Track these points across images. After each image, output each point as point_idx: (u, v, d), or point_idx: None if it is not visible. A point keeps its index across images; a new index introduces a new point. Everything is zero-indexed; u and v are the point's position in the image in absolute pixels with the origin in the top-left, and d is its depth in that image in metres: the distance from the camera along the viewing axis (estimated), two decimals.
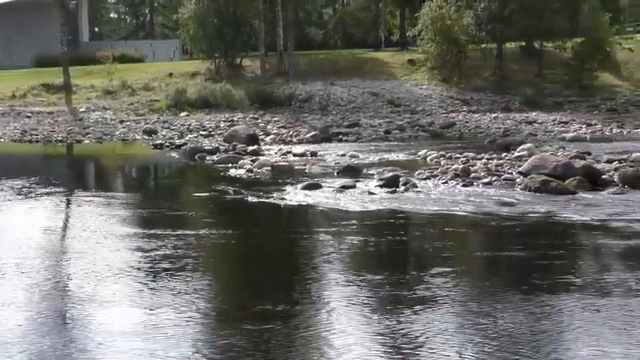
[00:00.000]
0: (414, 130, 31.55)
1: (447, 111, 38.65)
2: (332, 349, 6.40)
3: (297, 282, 8.73)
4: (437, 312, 7.31)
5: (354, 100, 40.42)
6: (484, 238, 11.46)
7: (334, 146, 25.60)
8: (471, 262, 9.84)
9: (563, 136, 27.66)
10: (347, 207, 13.37)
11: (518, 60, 46.15)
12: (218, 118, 34.37)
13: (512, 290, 8.13)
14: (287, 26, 47.55)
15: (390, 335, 6.69)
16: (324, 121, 34.43)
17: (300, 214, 13.40)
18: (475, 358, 6.16)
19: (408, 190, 14.92)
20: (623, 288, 8.20)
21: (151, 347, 6.41)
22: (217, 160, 21.03)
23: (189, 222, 12.91)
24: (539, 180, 14.60)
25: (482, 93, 41.86)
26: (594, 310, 7.30)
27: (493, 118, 35.23)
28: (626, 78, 44.14)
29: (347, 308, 7.51)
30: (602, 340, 6.49)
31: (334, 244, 10.51)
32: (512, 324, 6.93)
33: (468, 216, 12.49)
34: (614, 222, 11.71)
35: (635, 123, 32.42)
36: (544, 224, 11.73)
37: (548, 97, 40.52)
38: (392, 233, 11.45)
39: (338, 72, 45.42)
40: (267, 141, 26.91)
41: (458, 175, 16.48)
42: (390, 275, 8.96)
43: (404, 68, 46.22)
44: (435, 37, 43.85)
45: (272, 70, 45.96)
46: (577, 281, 8.50)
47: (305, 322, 7.10)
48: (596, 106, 39.10)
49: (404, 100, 40.60)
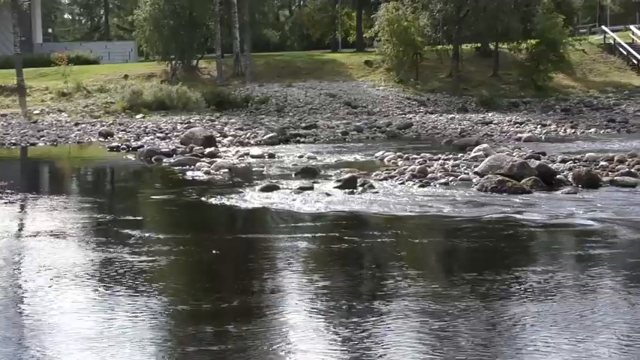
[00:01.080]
0: (371, 131, 31.64)
1: (404, 112, 38.81)
2: (288, 352, 6.39)
3: (252, 285, 8.69)
4: (391, 314, 7.32)
5: (311, 102, 40.42)
6: (440, 240, 11.51)
7: (292, 148, 25.57)
8: (426, 264, 9.88)
9: (519, 136, 27.93)
10: (305, 209, 13.35)
11: (474, 61, 46.52)
12: (175, 120, 34.17)
13: (467, 291, 8.18)
14: (243, 28, 47.40)
15: (344, 337, 6.68)
16: (282, 122, 34.41)
17: (258, 217, 13.35)
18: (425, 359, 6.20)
19: (366, 191, 14.96)
20: (576, 286, 8.28)
21: (102, 351, 6.33)
22: (174, 163, 20.89)
23: (144, 225, 12.79)
24: (495, 180, 14.72)
25: (438, 94, 42.11)
26: (547, 309, 7.36)
27: (450, 118, 35.47)
28: (580, 79, 44.71)
29: (301, 310, 7.50)
30: (556, 337, 6.54)
31: (291, 247, 10.48)
32: (465, 324, 6.96)
33: (425, 217, 12.55)
34: (567, 221, 11.84)
35: (588, 123, 32.86)
36: (500, 224, 11.82)
37: (503, 97, 40.89)
38: (349, 235, 11.44)
39: (295, 73, 45.41)
40: (224, 143, 26.79)
41: (415, 175, 16.56)
42: (346, 278, 8.96)
43: (361, 69, 46.34)
44: (391, 39, 44.01)
45: (229, 72, 45.79)
46: (530, 281, 8.57)
47: (259, 325, 7.07)
48: (551, 107, 39.54)
49: (361, 101, 40.68)
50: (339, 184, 15.51)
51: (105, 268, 9.20)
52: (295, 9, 69.99)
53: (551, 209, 12.77)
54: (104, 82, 42.98)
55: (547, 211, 12.64)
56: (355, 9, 58.10)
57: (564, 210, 12.66)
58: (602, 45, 49.23)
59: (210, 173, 18.60)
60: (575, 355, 6.18)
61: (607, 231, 11.09)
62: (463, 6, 44.96)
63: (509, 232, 11.22)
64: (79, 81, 42.31)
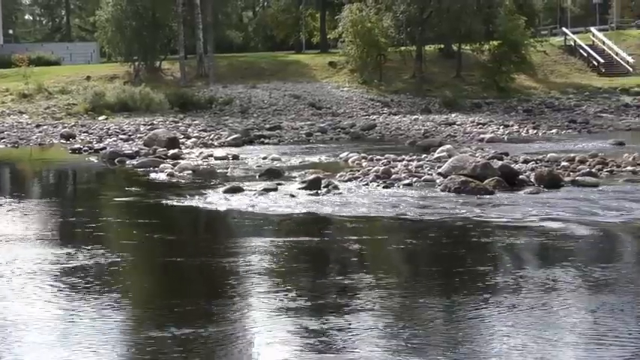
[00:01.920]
0: (335, 132, 31.68)
1: (367, 113, 38.91)
2: (250, 354, 6.37)
3: (214, 289, 8.65)
4: (355, 315, 7.32)
5: (275, 103, 40.38)
6: (403, 240, 11.53)
7: (256, 149, 25.52)
8: (389, 265, 9.90)
9: (482, 137, 28.11)
10: (269, 210, 13.32)
11: (437, 62, 46.77)
12: (138, 122, 33.94)
13: (430, 291, 8.21)
14: (206, 29, 47.21)
15: (306, 339, 6.67)
16: (246, 124, 34.33)
17: (222, 218, 13.30)
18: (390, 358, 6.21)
19: (330, 192, 14.96)
20: (536, 286, 8.35)
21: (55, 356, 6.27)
22: (137, 164, 20.75)
23: (106, 228, 12.69)
24: (459, 181, 14.80)
25: (402, 95, 42.27)
26: (509, 308, 7.41)
27: (413, 119, 35.62)
28: (541, 80, 45.14)
29: (263, 312, 7.48)
30: (517, 336, 6.59)
31: (255, 249, 10.45)
32: (427, 324, 6.99)
33: (389, 218, 12.58)
34: (530, 222, 11.92)
35: (549, 124, 33.17)
36: (463, 225, 11.88)
37: (466, 98, 41.16)
38: (313, 237, 11.45)
39: (259, 75, 45.32)
40: (188, 144, 26.66)
41: (379, 176, 16.60)
42: (309, 279, 8.95)
43: (325, 71, 46.39)
44: (355, 40, 44.11)
45: (192, 74, 45.60)
46: (492, 281, 8.63)
47: (219, 329, 7.03)
48: (513, 108, 39.87)
49: (325, 102, 40.72)
50: (304, 185, 15.50)
51: (62, 271, 9.10)
52: (259, 10, 69.89)
53: (514, 210, 12.85)
54: (66, 84, 42.60)
55: (510, 211, 12.73)
56: (319, 10, 58.15)
57: (527, 210, 12.75)
58: (563, 47, 49.77)
59: (174, 175, 18.50)
60: (535, 354, 6.23)
61: (568, 231, 11.19)
62: (426, 7, 45.20)
63: (472, 233, 11.28)
64: (40, 82, 41.88)
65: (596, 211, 12.61)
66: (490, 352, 6.30)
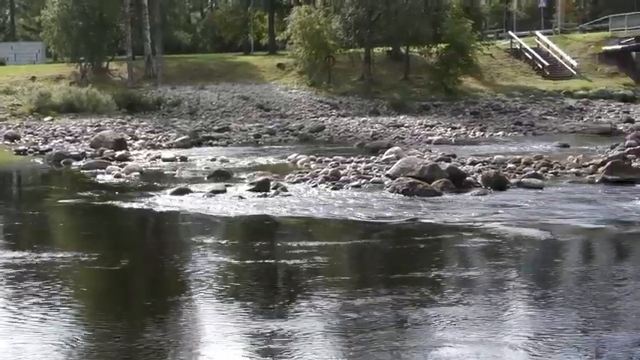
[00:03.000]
0: (284, 134, 31.68)
1: (316, 115, 38.94)
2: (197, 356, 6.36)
3: (161, 292, 8.60)
4: (300, 318, 7.34)
5: (223, 105, 40.21)
6: (352, 242, 11.58)
7: (204, 151, 25.41)
8: (337, 266, 9.93)
9: (429, 139, 28.31)
10: (217, 212, 13.28)
11: (385, 65, 46.98)
12: (84, 123, 33.52)
13: (377, 291, 8.27)
14: (154, 30, 46.82)
15: (252, 341, 6.68)
16: (194, 125, 34.14)
17: (169, 220, 13.22)
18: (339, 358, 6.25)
19: (279, 194, 14.96)
20: (482, 286, 8.46)
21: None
22: (84, 166, 20.53)
23: (51, 231, 12.54)
24: (407, 182, 14.90)
25: (351, 97, 42.37)
26: (456, 308, 7.48)
27: (362, 121, 35.75)
28: (488, 83, 45.62)
29: (210, 313, 7.46)
30: (464, 336, 6.66)
31: (202, 252, 10.41)
32: (375, 324, 7.03)
33: (337, 219, 12.62)
34: (476, 223, 12.06)
35: (496, 126, 33.53)
36: (410, 226, 11.97)
37: (414, 100, 41.39)
38: (262, 239, 11.44)
39: (207, 76, 45.07)
40: (135, 146, 26.44)
41: (328, 178, 16.64)
42: (257, 281, 8.95)
43: (274, 72, 46.31)
44: (304, 42, 44.11)
45: (140, 74, 45.19)
46: (439, 281, 8.72)
47: (166, 333, 7.00)
48: (460, 110, 40.22)
49: (274, 104, 40.66)
50: (252, 187, 15.47)
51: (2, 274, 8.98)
52: (207, 11, 69.49)
53: (461, 211, 12.99)
54: (10, 84, 41.88)
55: (457, 213, 12.86)
56: (267, 12, 58.01)
57: (474, 212, 12.90)
58: (509, 50, 50.35)
59: (121, 177, 18.33)
60: (482, 353, 6.30)
61: (514, 233, 11.34)
62: (374, 10, 45.37)
63: (420, 235, 11.37)
64: None
65: (541, 212, 12.80)
66: (434, 353, 6.37)
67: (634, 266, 9.72)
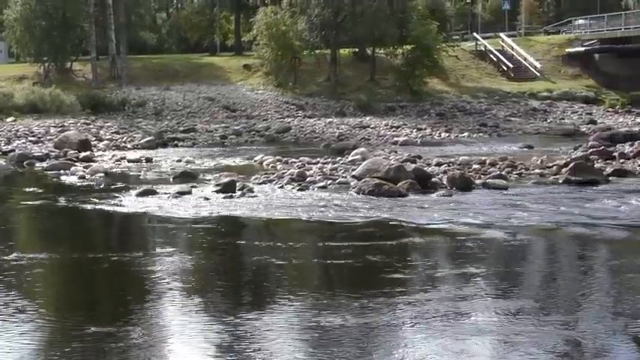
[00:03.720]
0: (250, 135, 31.62)
1: (282, 116, 38.89)
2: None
3: (125, 295, 8.54)
4: (268, 317, 7.33)
5: (189, 105, 40.01)
6: (318, 243, 11.59)
7: (170, 152, 25.29)
8: (303, 268, 9.93)
9: (395, 140, 28.41)
10: (182, 213, 13.22)
11: (351, 66, 47.01)
12: (48, 124, 33.17)
13: (344, 292, 8.28)
14: (119, 30, 46.47)
15: (221, 341, 6.66)
16: (160, 126, 33.96)
17: (134, 222, 13.14)
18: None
19: (245, 195, 14.92)
20: (447, 286, 8.51)
21: None
22: (47, 167, 20.34)
23: (13, 232, 12.40)
24: (373, 183, 14.94)
25: (317, 98, 42.35)
26: (421, 308, 7.52)
27: (328, 122, 35.77)
28: (453, 84, 45.85)
29: (175, 315, 7.43)
30: (427, 335, 6.69)
31: (168, 253, 10.35)
32: (338, 324, 7.04)
33: (304, 220, 12.62)
34: (442, 224, 12.12)
35: (461, 127, 33.73)
36: (376, 227, 12.00)
37: (380, 102, 41.46)
38: (227, 240, 11.41)
39: (173, 77, 44.82)
40: (100, 147, 26.24)
41: (294, 179, 16.63)
42: (223, 282, 8.92)
43: (240, 73, 46.17)
44: (270, 43, 44.02)
45: (104, 75, 44.81)
46: (404, 282, 8.76)
47: (130, 334, 6.96)
48: (426, 111, 40.36)
49: (240, 105, 40.53)
50: (218, 188, 15.42)
51: None
52: (172, 12, 69.13)
53: (427, 212, 13.04)
54: None
55: (422, 213, 12.91)
56: (233, 12, 57.84)
57: (439, 212, 12.96)
58: (474, 51, 50.63)
59: (86, 178, 18.19)
60: (442, 352, 6.34)
61: (479, 233, 11.41)
62: (341, 11, 45.42)
63: (386, 235, 11.40)
64: None
65: (506, 213, 12.90)
66: (398, 352, 6.39)
67: (595, 265, 9.83)
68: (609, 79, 45.25)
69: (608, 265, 9.88)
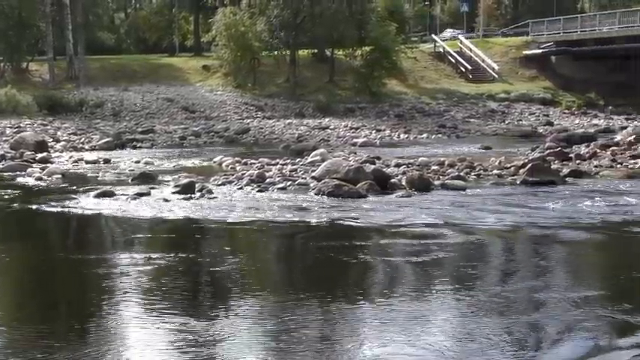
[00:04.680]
0: (209, 136, 31.51)
1: (241, 117, 38.83)
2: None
3: (81, 297, 8.46)
4: (225, 320, 7.31)
5: (148, 106, 39.77)
6: (277, 244, 11.59)
7: (128, 153, 25.11)
8: (262, 269, 9.91)
9: (355, 141, 28.50)
10: (141, 215, 13.12)
11: (310, 67, 47.06)
12: (3, 125, 32.74)
13: (302, 295, 8.28)
14: (77, 30, 46.04)
15: (175, 343, 6.62)
16: (118, 127, 33.71)
17: (92, 224, 13.01)
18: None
19: (204, 196, 14.86)
20: (407, 286, 8.55)
21: None
22: (3, 168, 20.08)
23: None
24: (332, 184, 14.96)
25: (276, 99, 42.34)
26: (380, 309, 7.54)
27: (287, 123, 35.78)
28: (412, 85, 46.09)
29: (133, 317, 7.38)
30: (388, 336, 6.72)
31: (126, 255, 10.27)
32: (299, 325, 7.04)
33: (263, 222, 12.59)
34: (400, 224, 12.16)
35: (420, 129, 33.93)
36: (335, 228, 12.01)
37: (340, 103, 41.56)
38: (186, 242, 11.35)
39: (131, 77, 44.50)
40: (57, 148, 25.97)
41: (253, 180, 16.60)
42: (181, 284, 8.87)
43: (199, 74, 45.99)
44: (229, 44, 43.92)
45: (62, 75, 44.37)
46: (363, 283, 8.78)
47: (79, 339, 6.90)
48: (385, 112, 40.54)
49: (199, 106, 40.38)
50: (177, 189, 15.34)
51: None
52: (131, 12, 68.64)
53: (386, 213, 13.08)
54: None
55: (381, 214, 12.95)
56: (192, 13, 57.59)
57: (398, 213, 13.01)
58: (432, 53, 50.97)
59: (43, 179, 17.98)
60: (406, 352, 6.37)
61: (437, 234, 11.48)
62: (299, 12, 45.47)
63: (345, 235, 11.42)
64: None
65: (464, 214, 12.98)
66: (355, 353, 6.41)
67: (550, 265, 9.94)
68: (565, 81, 45.85)
69: (564, 265, 10.00)
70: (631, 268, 9.51)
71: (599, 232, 11.59)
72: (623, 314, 7.37)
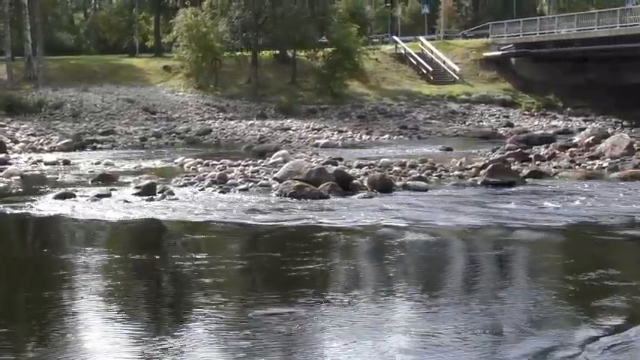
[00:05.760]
0: (170, 137, 31.35)
1: (203, 118, 38.66)
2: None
3: (40, 301, 8.37)
4: (186, 324, 7.28)
5: (108, 107, 39.44)
6: (239, 246, 11.57)
7: (88, 154, 24.89)
8: (223, 271, 9.87)
9: (317, 142, 28.53)
10: (101, 216, 13.01)
11: (272, 68, 47.00)
12: None
13: (262, 296, 8.27)
14: (35, 30, 45.54)
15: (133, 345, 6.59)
16: (78, 128, 33.38)
17: (52, 226, 12.88)
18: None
19: (165, 197, 14.78)
20: (366, 285, 8.58)
21: None
22: None
23: None
24: (294, 185, 14.95)
25: (238, 100, 42.22)
26: (344, 311, 7.56)
27: (249, 125, 35.70)
28: (374, 87, 46.22)
29: (92, 321, 7.33)
30: (351, 338, 6.74)
31: (86, 257, 10.18)
32: (260, 327, 7.03)
33: (224, 223, 12.55)
34: (362, 225, 12.20)
35: (382, 130, 34.05)
36: (297, 229, 12.01)
37: (302, 104, 41.56)
38: (147, 244, 11.28)
39: (91, 78, 44.09)
40: (15, 149, 25.67)
41: (215, 181, 16.54)
42: (142, 286, 8.82)
43: (160, 75, 45.70)
44: (190, 44, 43.72)
45: (20, 76, 43.82)
46: (325, 282, 8.80)
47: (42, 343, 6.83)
48: (347, 114, 40.62)
49: (160, 107, 40.13)
50: (138, 190, 15.24)
51: None
52: (90, 12, 68.02)
53: (348, 214, 13.11)
54: None
55: (343, 215, 12.97)
56: (153, 13, 57.22)
57: (360, 214, 13.04)
58: (394, 54, 51.15)
59: (1, 181, 17.76)
60: (367, 354, 6.39)
61: (398, 234, 11.53)
62: (261, 13, 45.42)
63: (306, 236, 11.43)
64: None
65: (425, 214, 13.05)
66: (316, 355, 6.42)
67: (509, 264, 10.05)
68: (525, 83, 46.29)
69: (521, 265, 10.12)
70: (586, 269, 9.63)
71: (557, 233, 11.72)
72: (576, 313, 7.49)
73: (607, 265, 9.57)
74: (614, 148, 20.48)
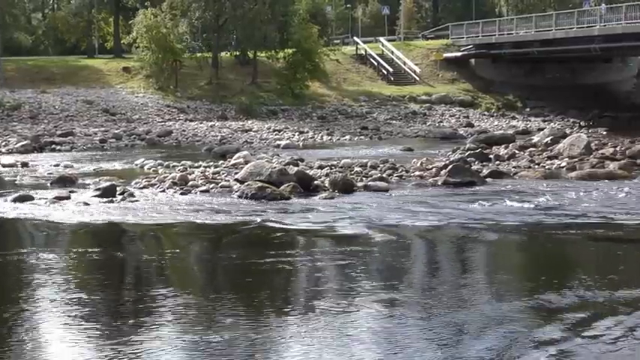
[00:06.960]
0: (130, 138, 31.13)
1: (163, 119, 38.45)
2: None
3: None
4: (152, 329, 7.25)
5: (67, 109, 39.06)
6: (199, 247, 11.53)
7: (47, 156, 24.62)
8: (183, 272, 9.84)
9: (278, 143, 28.51)
10: (61, 219, 12.88)
11: (233, 69, 46.90)
12: None
13: (227, 299, 8.26)
14: None
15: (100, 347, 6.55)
16: (36, 130, 33.00)
17: (9, 229, 12.73)
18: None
19: (126, 199, 14.67)
20: (328, 285, 8.60)
21: None
22: None
23: None
24: (255, 187, 14.93)
25: (198, 101, 42.08)
26: (305, 313, 7.57)
27: (210, 126, 35.57)
28: (335, 88, 46.33)
29: (56, 324, 7.27)
30: (312, 341, 6.75)
31: (46, 261, 10.07)
32: (226, 333, 7.03)
33: (185, 225, 12.51)
34: (323, 226, 12.23)
35: (343, 131, 34.13)
36: (258, 230, 12.01)
37: (262, 105, 41.53)
38: (107, 246, 11.20)
39: (49, 79, 43.66)
40: None
41: (176, 183, 16.45)
42: (103, 290, 8.76)
43: (119, 76, 45.38)
44: (150, 46, 43.47)
45: None
46: (286, 283, 8.80)
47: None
48: (308, 115, 40.67)
49: (120, 108, 39.85)
50: (98, 192, 15.11)
51: None
52: (49, 12, 67.36)
53: (309, 214, 13.13)
54: None
55: (305, 216, 13.00)
56: (112, 14, 56.81)
57: (321, 215, 13.07)
58: (354, 55, 51.31)
59: None
60: (321, 350, 6.41)
61: (360, 235, 11.58)
62: (222, 14, 45.30)
63: (267, 238, 11.43)
64: None
65: (386, 214, 13.11)
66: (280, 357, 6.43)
67: (468, 264, 10.13)
68: (485, 84, 46.71)
69: (482, 264, 10.22)
70: (542, 266, 9.76)
71: (516, 232, 11.86)
72: (532, 309, 7.59)
73: (563, 262, 9.70)
74: (572, 147, 20.76)
